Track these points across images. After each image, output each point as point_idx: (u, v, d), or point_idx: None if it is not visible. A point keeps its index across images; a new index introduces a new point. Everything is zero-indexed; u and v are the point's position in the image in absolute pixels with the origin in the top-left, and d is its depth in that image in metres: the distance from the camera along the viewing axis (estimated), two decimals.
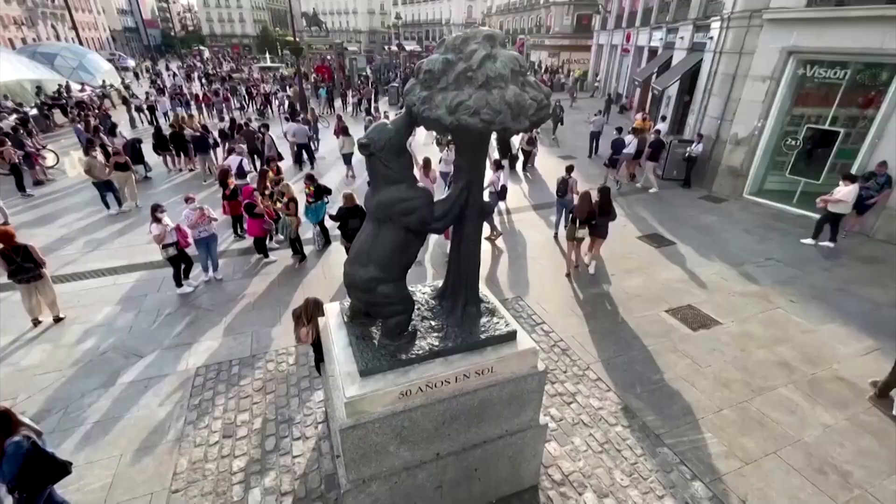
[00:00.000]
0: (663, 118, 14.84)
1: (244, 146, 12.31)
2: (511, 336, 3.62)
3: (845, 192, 8.60)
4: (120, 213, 10.83)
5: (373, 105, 25.39)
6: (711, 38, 12.91)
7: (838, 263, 8.58)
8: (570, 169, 9.32)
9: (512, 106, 2.72)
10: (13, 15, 46.87)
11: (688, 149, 12.50)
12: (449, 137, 13.15)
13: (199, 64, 48.89)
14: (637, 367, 5.94)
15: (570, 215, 8.01)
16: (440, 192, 6.95)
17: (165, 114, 19.85)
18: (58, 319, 6.77)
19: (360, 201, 6.34)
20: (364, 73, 33.89)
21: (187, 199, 7.55)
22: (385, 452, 3.39)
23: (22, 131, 14.10)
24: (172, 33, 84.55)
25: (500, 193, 9.07)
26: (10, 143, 12.09)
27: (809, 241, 9.29)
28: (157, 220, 7.04)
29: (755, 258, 8.80)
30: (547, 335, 6.56)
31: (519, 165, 14.51)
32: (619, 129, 13.37)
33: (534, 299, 7.44)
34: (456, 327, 3.61)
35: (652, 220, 10.65)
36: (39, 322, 6.67)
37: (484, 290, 4.20)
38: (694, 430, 4.97)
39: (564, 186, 9.04)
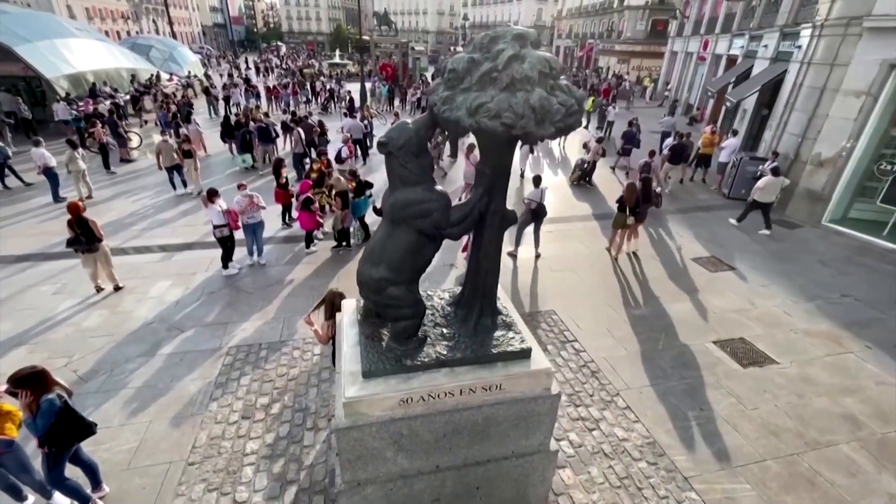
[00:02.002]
0: (734, 132, 13.68)
1: (349, 134, 13.37)
2: (525, 353, 3.41)
3: None
4: (184, 195, 11.63)
5: None
6: (799, 46, 11.74)
7: None
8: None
9: (536, 110, 2.54)
10: (121, 10, 52.17)
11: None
12: (440, 138, 12.93)
13: (273, 58, 51.82)
14: (673, 399, 5.48)
15: (618, 204, 8.71)
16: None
17: (238, 104, 21.16)
18: (117, 288, 7.35)
19: None
20: (425, 73, 34.31)
21: (239, 187, 7.95)
22: (382, 458, 3.32)
23: (115, 114, 15.55)
24: (255, 29, 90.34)
25: (537, 212, 8.51)
26: (100, 125, 13.35)
27: None
28: (212, 203, 7.48)
29: (828, 293, 7.87)
30: (577, 354, 6.22)
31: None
32: (631, 122, 14.70)
33: (568, 315, 7.10)
34: (467, 338, 3.47)
35: (711, 241, 9.84)
36: (102, 289, 7.28)
37: (505, 301, 4.03)
38: (730, 479, 4.49)
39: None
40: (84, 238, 6.81)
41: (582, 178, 13.07)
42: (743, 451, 4.79)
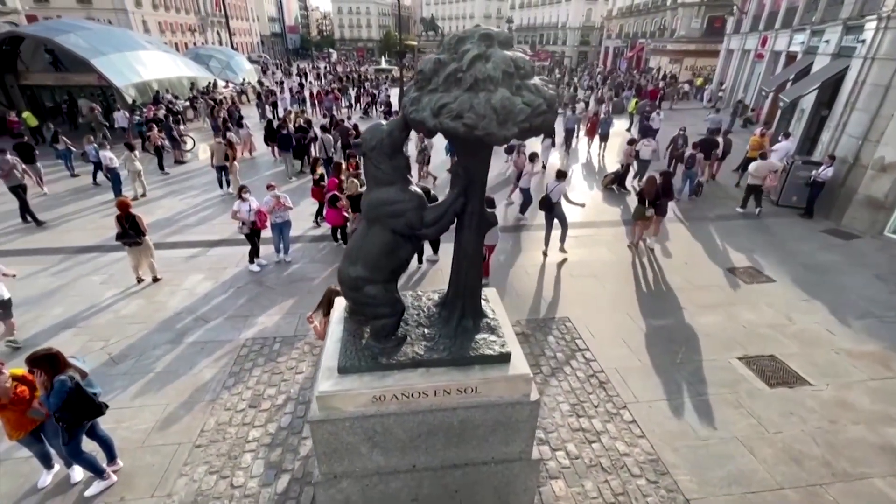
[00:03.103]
0: (786, 135, 12.64)
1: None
2: (503, 358, 3.36)
3: None
4: (225, 195, 12.36)
5: None
6: (863, 41, 10.73)
7: None
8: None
9: (498, 111, 2.51)
10: (189, 23, 56.28)
11: (814, 172, 10.54)
12: (425, 142, 12.59)
13: (323, 65, 53.93)
14: (685, 416, 5.17)
15: (638, 197, 9.00)
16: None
17: (285, 109, 22.21)
18: (156, 280, 7.93)
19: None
20: None
21: (269, 187, 8.34)
22: (357, 453, 3.38)
23: (171, 119, 16.80)
24: (309, 37, 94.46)
25: (548, 203, 8.57)
26: (157, 129, 14.48)
27: None
28: (242, 200, 7.93)
29: (883, 312, 7.13)
30: (587, 363, 6.02)
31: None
32: (676, 138, 13.66)
33: (583, 323, 6.88)
34: (447, 339, 3.46)
35: (751, 250, 9.19)
36: (142, 280, 7.89)
37: (496, 304, 4.00)
38: None
39: (693, 160, 11.55)
40: (132, 232, 7.42)
41: (614, 182, 12.61)
42: (757, 477, 4.44)
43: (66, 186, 13.27)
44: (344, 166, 10.01)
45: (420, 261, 8.50)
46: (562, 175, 8.65)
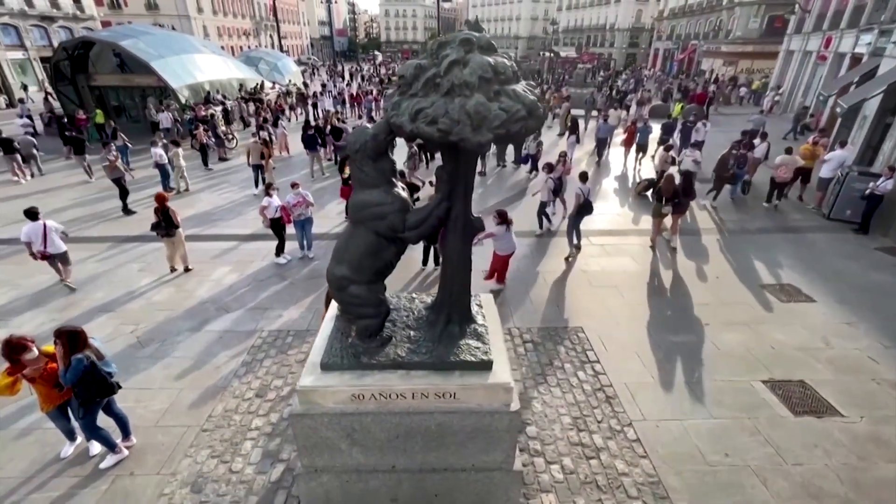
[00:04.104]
0: (843, 143, 11.64)
1: None
2: (485, 365, 3.32)
3: None
4: (260, 192, 12.89)
5: None
6: None
7: None
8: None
9: (472, 116, 2.49)
10: (244, 27, 59.32)
11: (871, 184, 9.68)
12: (414, 148, 12.20)
13: (366, 67, 55.25)
14: (694, 438, 4.90)
15: (657, 194, 9.03)
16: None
17: (325, 110, 22.93)
18: (187, 270, 8.41)
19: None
20: None
21: (293, 185, 8.65)
22: (336, 449, 3.44)
23: (214, 118, 17.76)
24: (356, 40, 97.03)
25: (585, 206, 8.56)
26: (202, 128, 15.35)
27: None
28: (269, 196, 8.29)
29: None
30: (595, 377, 5.82)
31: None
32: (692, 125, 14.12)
33: (597, 334, 6.66)
34: (430, 343, 3.47)
35: (792, 267, 8.57)
36: (175, 270, 8.38)
37: (488, 311, 3.96)
38: None
39: (744, 159, 11.49)
40: (164, 224, 7.90)
41: (648, 188, 12.11)
42: None
43: None
44: None
45: (437, 263, 8.52)
46: (585, 176, 8.81)
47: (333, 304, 4.13)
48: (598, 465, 4.60)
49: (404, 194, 3.16)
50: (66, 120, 19.27)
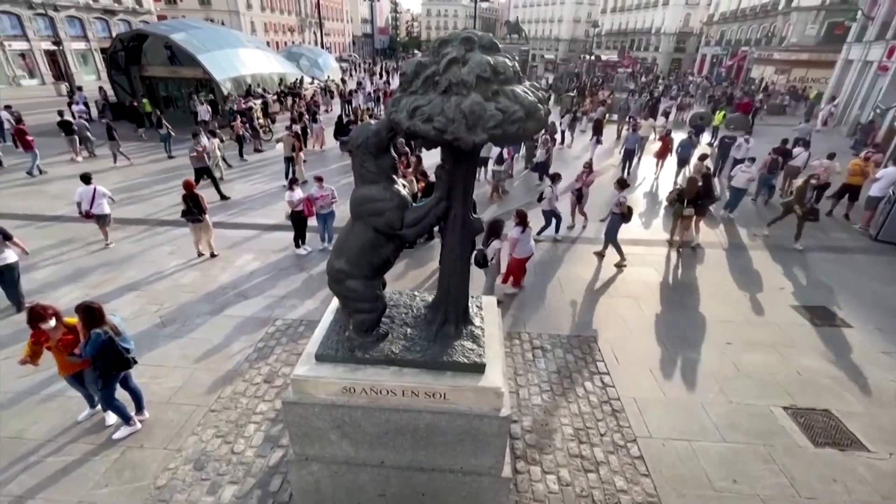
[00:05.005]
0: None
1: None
2: (477, 368, 3.29)
3: None
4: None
5: None
6: None
7: None
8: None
9: (467, 115, 2.47)
10: (290, 24, 61.12)
11: None
12: (405, 148, 11.79)
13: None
14: (702, 461, 4.69)
15: (679, 196, 9.08)
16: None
17: (357, 106, 23.29)
18: (213, 255, 8.74)
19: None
20: (539, 81, 33.76)
21: (317, 179, 8.84)
22: (327, 440, 3.49)
23: (256, 111, 18.37)
24: (397, 38, 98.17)
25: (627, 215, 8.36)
26: (240, 120, 15.92)
27: None
28: (291, 190, 8.50)
29: None
30: (603, 389, 5.66)
31: None
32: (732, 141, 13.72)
33: (610, 345, 6.48)
34: (425, 342, 3.46)
35: (830, 288, 8.07)
36: (202, 254, 8.73)
37: (489, 314, 3.93)
38: None
39: (776, 164, 11.82)
40: (194, 210, 8.24)
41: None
42: None
43: (162, 166, 15.03)
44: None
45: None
46: (623, 183, 8.65)
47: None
48: (596, 480, 4.48)
49: (404, 192, 3.17)
50: (127, 104, 21.06)
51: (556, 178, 9.33)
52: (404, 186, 3.26)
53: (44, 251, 8.72)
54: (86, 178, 8.63)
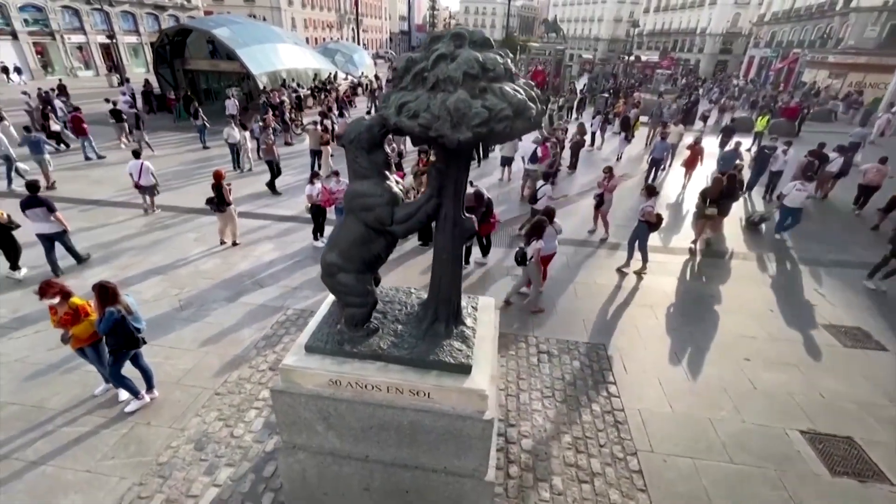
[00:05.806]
0: None
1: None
2: (463, 369, 3.25)
3: None
4: None
5: (573, 114, 24.75)
6: None
7: None
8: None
9: (452, 112, 2.43)
10: (329, 20, 62.36)
11: None
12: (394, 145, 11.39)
13: None
14: (704, 481, 4.48)
15: (702, 196, 9.05)
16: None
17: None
18: (235, 244, 9.03)
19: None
20: (574, 81, 33.08)
21: (335, 174, 8.98)
22: (313, 430, 3.53)
23: (287, 104, 18.85)
24: None
25: (655, 224, 8.01)
26: (272, 113, 16.37)
27: None
28: (311, 184, 8.67)
29: None
30: (607, 399, 5.50)
31: None
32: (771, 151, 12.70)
33: (619, 354, 6.29)
34: (413, 339, 3.45)
35: (865, 308, 7.56)
36: (224, 243, 9.03)
37: (484, 315, 3.88)
38: None
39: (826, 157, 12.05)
40: (218, 200, 8.53)
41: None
42: None
43: (197, 156, 15.64)
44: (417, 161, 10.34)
45: (467, 262, 8.46)
46: (653, 190, 8.43)
47: None
48: (589, 491, 4.36)
49: (396, 188, 3.16)
50: (158, 94, 22.34)
51: (547, 177, 9.26)
52: (397, 183, 3.25)
53: (81, 233, 9.23)
54: (136, 154, 10.12)
